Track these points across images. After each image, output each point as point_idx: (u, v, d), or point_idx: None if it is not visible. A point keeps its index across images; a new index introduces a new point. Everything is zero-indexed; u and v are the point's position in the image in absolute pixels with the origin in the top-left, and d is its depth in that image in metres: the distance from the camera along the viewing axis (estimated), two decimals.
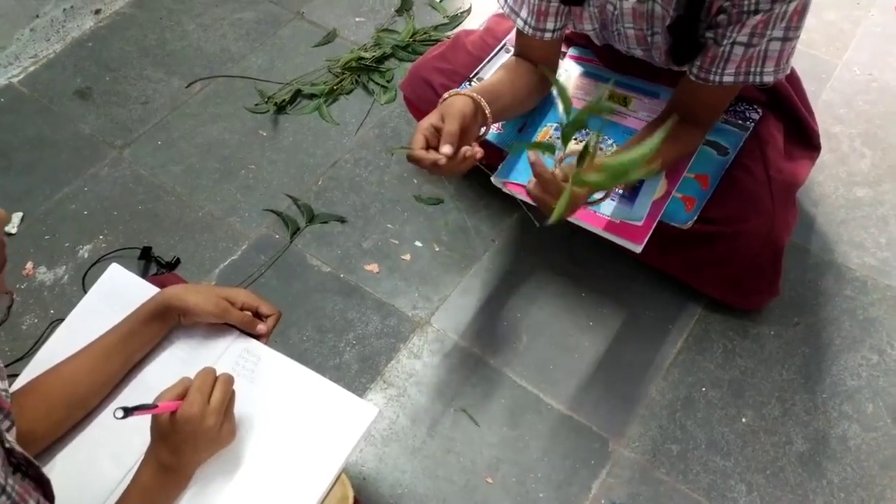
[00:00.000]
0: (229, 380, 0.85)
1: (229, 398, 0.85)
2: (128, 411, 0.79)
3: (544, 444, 1.26)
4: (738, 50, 1.10)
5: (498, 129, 1.43)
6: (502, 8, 1.26)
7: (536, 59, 1.31)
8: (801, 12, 1.07)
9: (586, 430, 1.27)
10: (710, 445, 1.26)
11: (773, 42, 1.09)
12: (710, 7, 1.09)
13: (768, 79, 1.13)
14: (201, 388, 0.82)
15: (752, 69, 1.12)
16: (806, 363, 1.35)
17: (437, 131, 1.08)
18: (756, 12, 1.05)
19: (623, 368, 1.34)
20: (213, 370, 0.86)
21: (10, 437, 0.69)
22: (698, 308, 1.42)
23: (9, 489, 0.59)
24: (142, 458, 0.84)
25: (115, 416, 0.78)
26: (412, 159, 1.07)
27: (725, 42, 1.09)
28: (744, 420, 1.29)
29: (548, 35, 1.26)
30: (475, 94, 1.13)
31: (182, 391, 0.82)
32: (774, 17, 1.05)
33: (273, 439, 0.91)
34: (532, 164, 1.02)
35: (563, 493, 1.21)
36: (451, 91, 1.14)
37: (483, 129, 1.16)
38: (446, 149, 1.03)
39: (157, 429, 0.82)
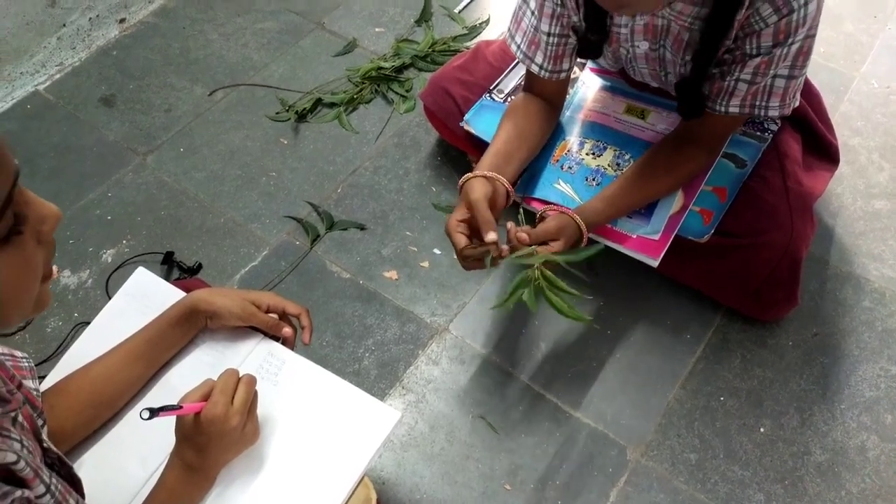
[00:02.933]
0: (252, 381, 0.87)
1: (252, 399, 0.87)
2: (153, 412, 0.81)
3: (562, 452, 1.26)
4: (743, 86, 1.13)
5: None
6: (515, 54, 1.27)
7: (546, 94, 1.31)
8: (806, 53, 1.10)
9: (604, 438, 1.28)
10: (729, 455, 1.26)
11: (777, 79, 1.13)
12: (717, 53, 1.11)
13: (773, 113, 1.16)
14: (224, 390, 0.83)
15: (758, 102, 1.15)
16: (824, 374, 1.35)
17: (467, 222, 1.12)
18: (757, 55, 1.07)
19: (641, 377, 1.35)
20: (236, 371, 0.87)
21: (44, 436, 0.70)
22: (716, 318, 1.42)
23: (52, 488, 0.60)
24: (167, 459, 0.86)
25: (140, 416, 0.80)
26: (465, 257, 1.11)
27: (729, 78, 1.12)
28: (762, 430, 1.29)
29: (563, 75, 1.28)
30: (490, 173, 1.15)
31: (206, 392, 0.84)
32: (776, 59, 1.08)
33: (297, 442, 0.92)
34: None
35: (582, 501, 1.21)
36: (466, 175, 1.16)
37: (509, 198, 1.19)
38: (491, 235, 1.07)
39: (181, 430, 0.83)
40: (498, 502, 1.21)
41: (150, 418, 0.80)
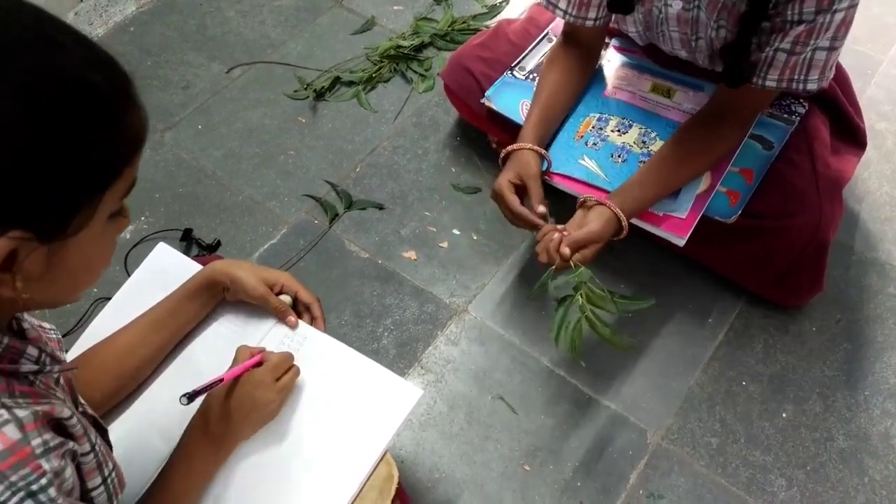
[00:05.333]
0: (297, 371, 0.91)
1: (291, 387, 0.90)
2: (192, 396, 0.81)
3: (582, 434, 1.26)
4: (781, 56, 1.10)
5: None
6: (540, 1, 1.28)
7: (583, 41, 1.33)
8: (849, 23, 1.07)
9: (625, 421, 1.27)
10: (750, 440, 1.25)
11: (818, 51, 1.09)
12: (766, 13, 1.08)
13: (812, 87, 1.13)
14: (276, 368, 0.87)
15: (796, 76, 1.12)
16: (848, 360, 1.33)
17: (514, 185, 1.23)
18: (799, 23, 1.04)
19: (662, 361, 1.34)
20: (290, 356, 0.90)
21: (81, 399, 0.70)
22: (739, 303, 1.40)
23: (97, 448, 0.61)
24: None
25: (180, 402, 0.81)
26: (517, 216, 1.21)
27: (768, 49, 1.09)
28: (784, 415, 1.27)
29: (589, 23, 1.27)
30: (537, 148, 1.26)
31: (256, 351, 0.88)
32: (818, 28, 1.05)
33: (319, 418, 0.92)
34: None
35: (601, 483, 1.20)
36: (512, 146, 1.26)
37: (545, 168, 1.29)
38: (542, 208, 1.20)
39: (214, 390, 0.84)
40: (517, 483, 1.21)
41: (189, 402, 0.81)
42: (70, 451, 0.56)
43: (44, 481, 0.51)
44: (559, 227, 1.17)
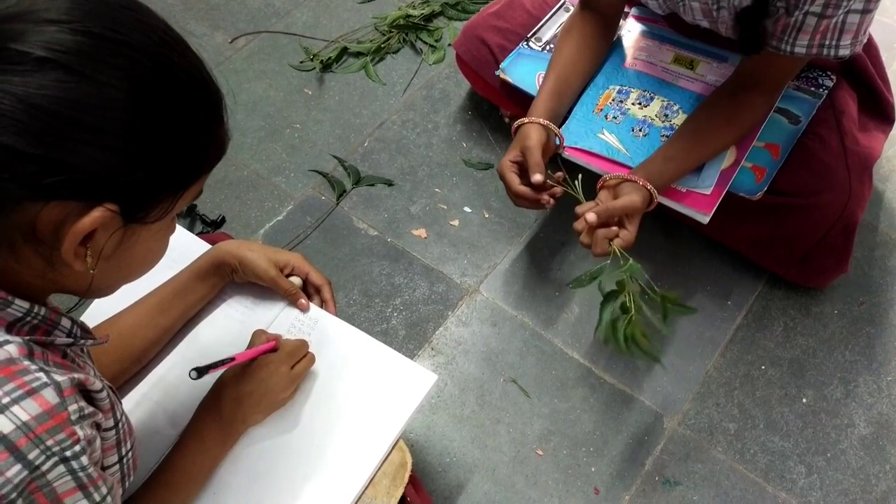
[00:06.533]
0: (312, 359, 0.89)
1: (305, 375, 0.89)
2: (201, 371, 0.78)
3: (596, 418, 1.23)
4: (812, 20, 1.03)
5: None
6: None
7: (601, 9, 1.28)
8: None
9: (640, 406, 1.24)
10: (769, 425, 1.22)
11: (851, 14, 1.02)
12: None
13: (844, 52, 1.07)
14: (292, 354, 0.86)
15: (827, 42, 1.06)
16: (871, 344, 1.30)
17: (518, 164, 1.17)
18: None
19: (679, 344, 1.30)
20: (306, 343, 0.89)
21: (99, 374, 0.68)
22: (759, 284, 1.36)
23: (120, 425, 0.61)
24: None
25: (190, 376, 0.78)
26: (516, 195, 1.16)
27: (797, 12, 1.03)
28: (804, 400, 1.24)
29: None
30: (546, 122, 1.18)
31: (272, 337, 0.87)
32: None
33: (331, 404, 0.90)
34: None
35: (616, 468, 1.18)
36: (520, 120, 1.19)
37: (560, 145, 1.24)
38: (537, 177, 1.13)
39: (229, 371, 0.83)
40: (529, 467, 1.18)
41: (198, 377, 0.78)
42: (94, 424, 0.56)
43: (77, 448, 0.51)
44: (594, 203, 1.12)
